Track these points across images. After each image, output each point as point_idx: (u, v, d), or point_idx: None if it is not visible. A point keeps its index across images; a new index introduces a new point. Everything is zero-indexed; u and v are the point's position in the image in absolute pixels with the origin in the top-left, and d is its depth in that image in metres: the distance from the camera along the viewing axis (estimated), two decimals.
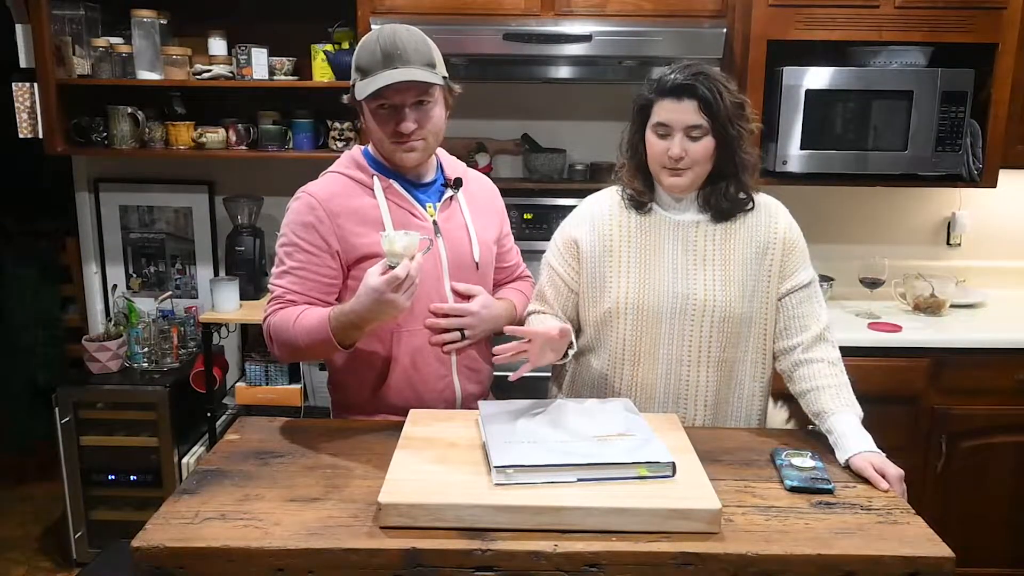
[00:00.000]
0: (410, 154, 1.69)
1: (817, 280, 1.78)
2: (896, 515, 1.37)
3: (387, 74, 1.60)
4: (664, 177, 1.69)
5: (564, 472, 1.34)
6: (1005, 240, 3.23)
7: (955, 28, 2.67)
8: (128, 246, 3.33)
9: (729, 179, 1.69)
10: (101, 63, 2.92)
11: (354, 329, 1.61)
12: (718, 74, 1.65)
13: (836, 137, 2.76)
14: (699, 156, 1.65)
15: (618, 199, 1.79)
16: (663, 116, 1.64)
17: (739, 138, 1.65)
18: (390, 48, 1.61)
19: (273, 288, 1.72)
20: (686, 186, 1.69)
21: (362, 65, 1.64)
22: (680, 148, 1.64)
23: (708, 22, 2.74)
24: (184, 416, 2.96)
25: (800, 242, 1.77)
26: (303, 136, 2.97)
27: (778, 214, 1.77)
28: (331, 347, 1.63)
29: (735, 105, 1.64)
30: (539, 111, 3.17)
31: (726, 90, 1.63)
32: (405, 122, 1.64)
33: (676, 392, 1.74)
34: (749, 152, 1.69)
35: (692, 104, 1.61)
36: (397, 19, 1.70)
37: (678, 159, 1.64)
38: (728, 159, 1.67)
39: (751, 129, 1.68)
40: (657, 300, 1.72)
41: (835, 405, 1.61)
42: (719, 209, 1.72)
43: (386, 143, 1.69)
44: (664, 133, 1.65)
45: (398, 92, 1.63)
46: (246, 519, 1.32)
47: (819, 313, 1.74)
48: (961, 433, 2.70)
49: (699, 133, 1.63)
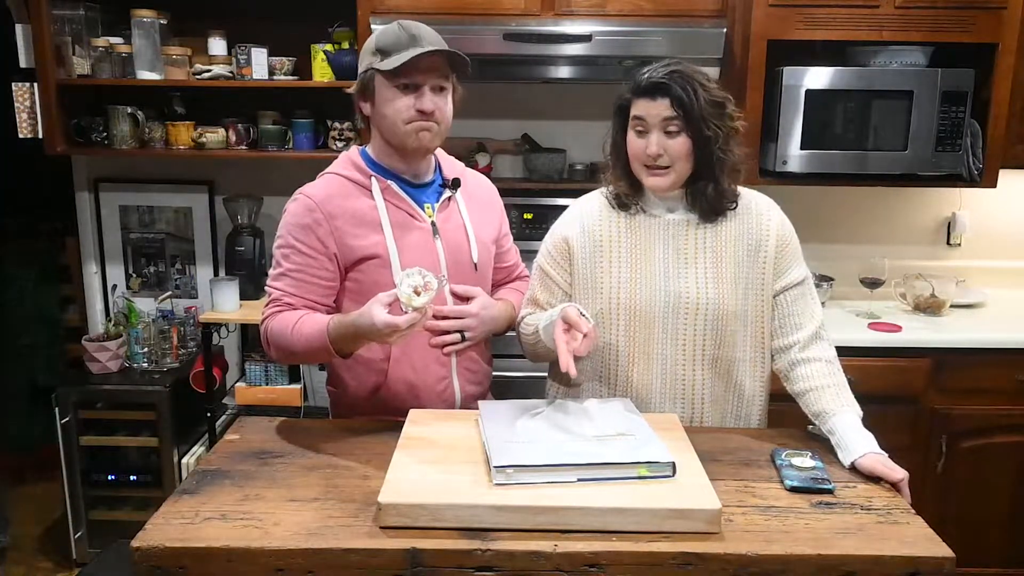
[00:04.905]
0: (426, 133, 1.68)
1: (810, 277, 1.77)
2: (896, 515, 1.37)
3: (414, 50, 1.62)
4: (645, 177, 1.68)
5: (564, 472, 1.34)
6: (1005, 240, 3.23)
7: (955, 28, 2.67)
8: (128, 246, 3.33)
9: (708, 179, 1.67)
10: (101, 63, 2.92)
11: (352, 343, 1.62)
12: (696, 72, 1.64)
13: (836, 137, 2.76)
14: (677, 153, 1.63)
15: (607, 200, 1.79)
16: (639, 112, 1.64)
17: (716, 137, 1.62)
18: (415, 31, 1.65)
19: (270, 290, 1.72)
20: (667, 186, 1.68)
21: (384, 46, 1.65)
22: (657, 146, 1.63)
23: (708, 22, 2.74)
24: (184, 416, 2.96)
25: (793, 239, 1.76)
26: (303, 136, 2.97)
27: (770, 211, 1.76)
28: (329, 355, 1.65)
29: (712, 103, 1.62)
30: (539, 111, 3.18)
31: (702, 88, 1.61)
32: (427, 101, 1.65)
33: (673, 391, 1.74)
34: (729, 151, 1.66)
35: (666, 101, 1.61)
36: (397, 19, 1.70)
37: (656, 156, 1.64)
38: (706, 158, 1.64)
39: (734, 127, 1.66)
40: (649, 300, 1.71)
41: (835, 405, 1.61)
42: (704, 208, 1.70)
43: (401, 125, 1.67)
44: (642, 130, 1.65)
45: (422, 71, 1.64)
46: (246, 519, 1.32)
47: (814, 310, 1.73)
48: (961, 433, 2.70)
49: (675, 128, 1.62)
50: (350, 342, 1.62)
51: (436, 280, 1.52)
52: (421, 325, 1.53)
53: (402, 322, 1.48)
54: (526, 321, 1.82)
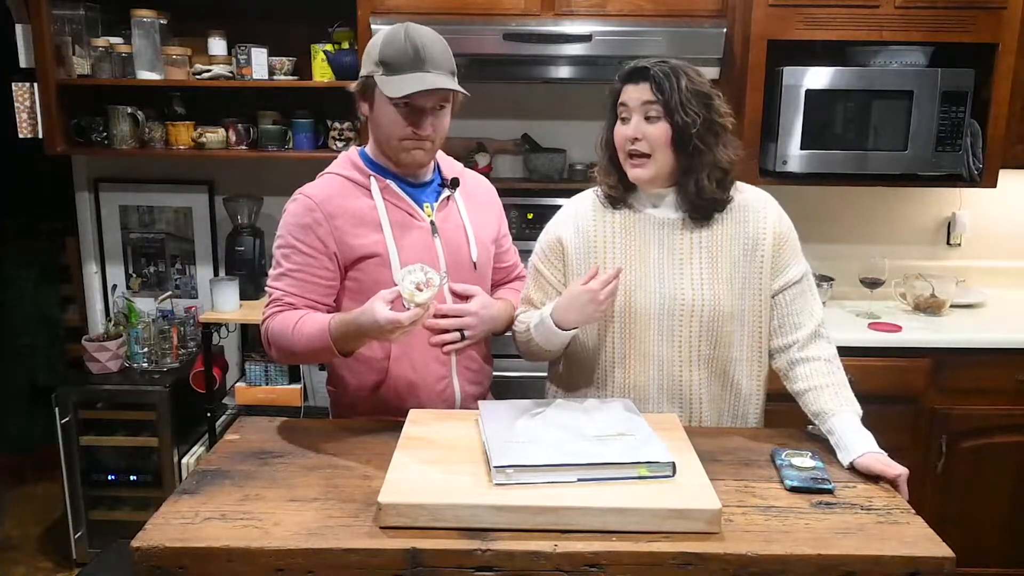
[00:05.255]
0: (418, 152, 1.69)
1: (810, 272, 1.76)
2: (896, 515, 1.37)
3: (419, 76, 1.60)
4: (629, 168, 1.68)
5: (564, 472, 1.34)
6: (1005, 240, 3.23)
7: (955, 28, 2.67)
8: (128, 246, 3.33)
9: (691, 175, 1.66)
10: (101, 63, 2.92)
11: (354, 340, 1.62)
12: (685, 66, 1.65)
13: (836, 137, 2.76)
14: (655, 139, 1.63)
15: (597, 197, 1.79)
16: (623, 98, 1.66)
17: (694, 124, 1.61)
18: (421, 49, 1.62)
19: (271, 291, 1.72)
20: (648, 177, 1.67)
21: (389, 60, 1.62)
22: (635, 129, 1.64)
23: (708, 22, 2.74)
24: (184, 416, 2.96)
25: (791, 235, 1.74)
26: (303, 136, 2.97)
27: (767, 207, 1.74)
28: (331, 354, 1.65)
29: (694, 92, 1.62)
30: (539, 111, 3.18)
31: (686, 77, 1.62)
32: (425, 126, 1.65)
33: (670, 392, 1.74)
34: (712, 146, 1.64)
35: (646, 86, 1.63)
36: (397, 19, 1.70)
37: (633, 140, 1.64)
38: (685, 147, 1.63)
39: (720, 123, 1.65)
40: (644, 300, 1.71)
41: (835, 405, 1.61)
42: (690, 207, 1.70)
43: (395, 141, 1.68)
44: (625, 116, 1.66)
45: (424, 96, 1.63)
46: (246, 519, 1.32)
47: (813, 308, 1.73)
48: (961, 433, 2.70)
49: (655, 113, 1.62)
50: (352, 340, 1.62)
51: (438, 276, 1.52)
52: (422, 322, 1.53)
53: (405, 318, 1.48)
54: (519, 319, 1.82)
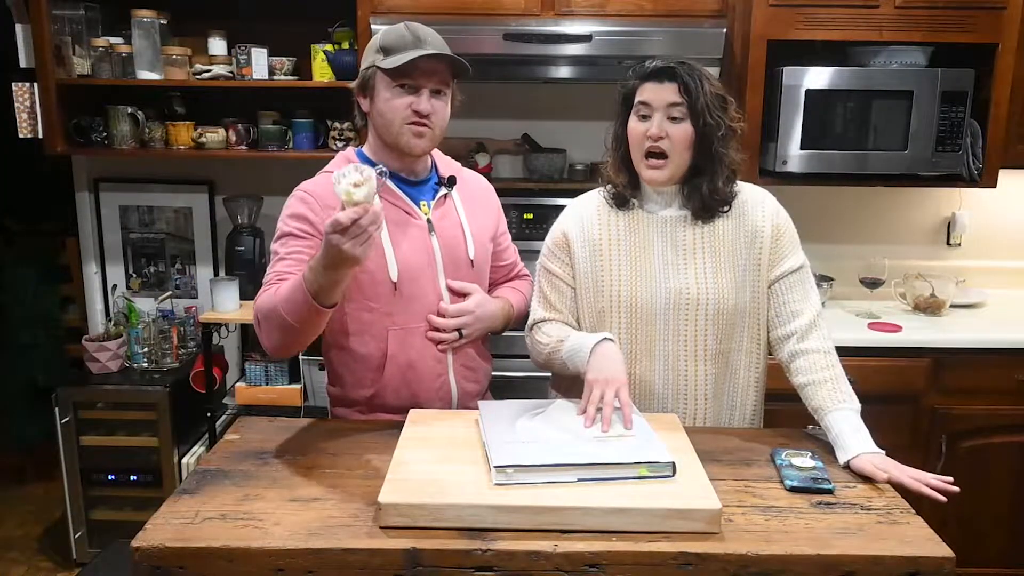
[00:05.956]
0: (419, 140, 1.69)
1: (808, 267, 1.77)
2: (896, 515, 1.37)
3: (418, 51, 1.63)
4: (644, 169, 1.69)
5: (564, 472, 1.34)
6: (1005, 240, 3.23)
7: (955, 28, 2.67)
8: (128, 246, 3.33)
9: (705, 176, 1.68)
10: (101, 63, 2.92)
11: (323, 277, 1.47)
12: (701, 67, 1.66)
13: (836, 137, 2.76)
14: (678, 140, 1.64)
15: (603, 199, 1.79)
16: (645, 96, 1.66)
17: (717, 129, 1.63)
18: (420, 33, 1.67)
19: (266, 278, 1.67)
20: (664, 179, 1.68)
21: (389, 45, 1.66)
22: (659, 127, 1.64)
23: (708, 22, 2.74)
24: (184, 416, 2.96)
25: (789, 228, 1.76)
26: (303, 136, 2.97)
27: (765, 202, 1.76)
28: (311, 307, 1.51)
29: (716, 96, 1.64)
30: (539, 111, 3.18)
31: (707, 81, 1.64)
32: (424, 103, 1.66)
33: (675, 387, 1.74)
34: (728, 150, 1.67)
35: (673, 86, 1.63)
36: (397, 19, 1.71)
37: (657, 138, 1.64)
38: (705, 151, 1.65)
39: (734, 128, 1.67)
40: (650, 297, 1.72)
41: (832, 402, 1.61)
42: (698, 206, 1.71)
43: (397, 125, 1.68)
44: (645, 114, 1.66)
45: (424, 74, 1.65)
46: (246, 519, 1.32)
47: (811, 298, 1.74)
48: (961, 433, 2.70)
49: (679, 114, 1.63)
50: (321, 278, 1.47)
51: (373, 171, 1.42)
52: (377, 224, 1.42)
53: (343, 217, 1.37)
54: (544, 331, 1.80)
